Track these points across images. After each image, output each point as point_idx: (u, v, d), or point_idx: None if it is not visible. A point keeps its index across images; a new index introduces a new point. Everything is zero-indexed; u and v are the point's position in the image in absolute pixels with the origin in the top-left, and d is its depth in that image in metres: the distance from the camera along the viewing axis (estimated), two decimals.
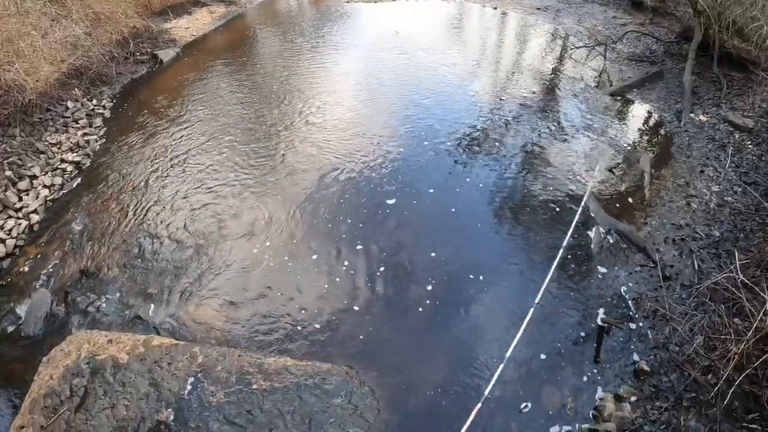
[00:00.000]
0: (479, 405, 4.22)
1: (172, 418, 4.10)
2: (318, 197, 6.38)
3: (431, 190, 6.49)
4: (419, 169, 6.86)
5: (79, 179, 6.77)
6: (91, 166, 7.00)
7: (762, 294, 4.21)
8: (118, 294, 5.24)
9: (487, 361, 4.61)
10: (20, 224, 6.00)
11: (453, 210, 6.23)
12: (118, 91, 8.63)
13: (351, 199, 6.36)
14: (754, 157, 7.00)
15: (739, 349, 4.04)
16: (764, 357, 3.92)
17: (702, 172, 6.82)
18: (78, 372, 4.33)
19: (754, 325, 4.07)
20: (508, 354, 4.60)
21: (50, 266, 5.54)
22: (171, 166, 6.97)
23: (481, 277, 5.39)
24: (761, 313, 4.09)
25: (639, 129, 8.08)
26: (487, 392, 4.33)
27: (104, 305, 5.14)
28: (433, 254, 5.64)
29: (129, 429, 4.02)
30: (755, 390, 4.02)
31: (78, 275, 5.44)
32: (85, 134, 7.54)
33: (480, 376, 4.51)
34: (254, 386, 4.27)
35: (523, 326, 4.79)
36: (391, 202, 6.31)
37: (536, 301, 4.55)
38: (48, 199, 6.43)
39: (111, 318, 5.02)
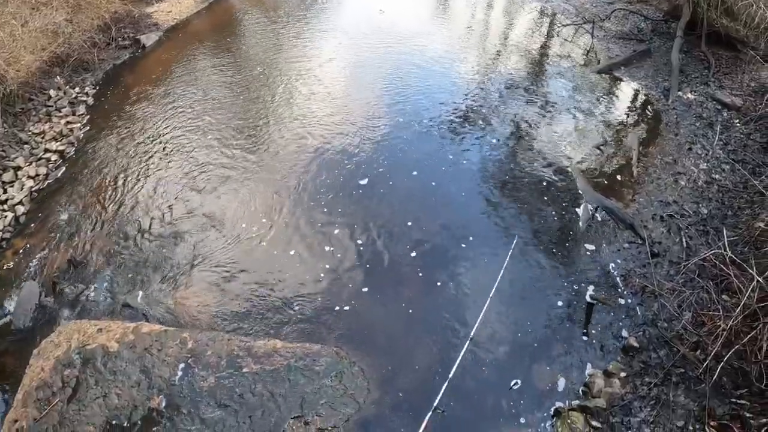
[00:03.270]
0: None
1: (164, 404, 4.10)
2: (304, 179, 6.35)
3: (417, 170, 6.47)
4: (406, 148, 6.83)
5: (64, 168, 6.67)
6: (76, 154, 6.90)
7: (750, 270, 4.25)
8: (106, 283, 5.20)
9: (477, 338, 4.62)
10: (6, 217, 5.91)
11: (438, 187, 6.24)
12: (100, 77, 8.47)
13: (338, 179, 6.34)
14: (742, 136, 7.03)
15: (727, 325, 4.09)
16: (752, 333, 3.97)
17: (690, 149, 6.84)
18: (69, 363, 4.31)
19: (742, 301, 4.11)
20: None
21: (38, 258, 5.48)
22: (156, 152, 6.89)
23: (467, 250, 5.43)
24: (749, 290, 4.13)
25: (627, 107, 8.08)
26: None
27: (93, 294, 5.10)
28: (423, 229, 5.66)
29: (122, 417, 4.02)
30: (743, 366, 4.08)
31: (66, 265, 5.39)
32: (69, 122, 7.41)
33: (469, 352, 4.51)
34: (244, 369, 4.27)
35: (488, 300, 4.79)
36: (377, 181, 6.30)
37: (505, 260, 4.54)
38: (33, 190, 6.33)
39: (100, 307, 4.99)
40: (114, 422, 3.99)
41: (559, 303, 5.00)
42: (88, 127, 7.41)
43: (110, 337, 4.55)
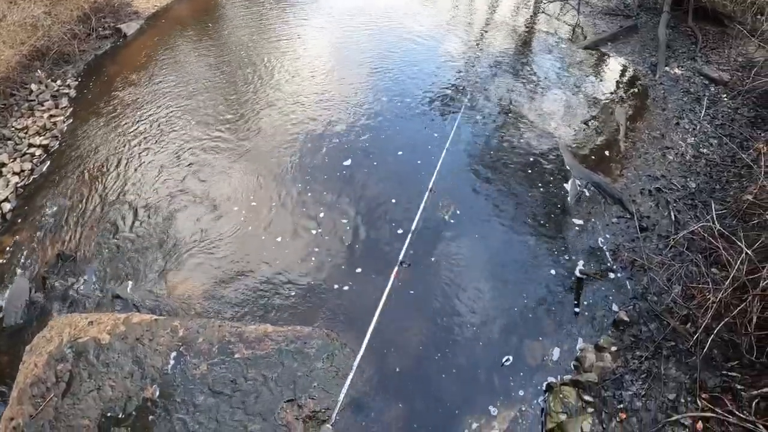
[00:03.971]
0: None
1: (157, 394, 4.09)
2: (291, 162, 6.31)
3: (402, 150, 6.46)
4: (392, 127, 6.80)
5: (49, 162, 6.60)
6: (60, 147, 6.81)
7: (739, 243, 4.26)
8: (95, 275, 5.17)
9: (468, 315, 4.66)
10: None
11: (424, 165, 6.17)
12: (82, 69, 8.33)
13: (325, 161, 6.31)
14: (730, 110, 7.03)
15: (716, 298, 4.10)
16: (742, 305, 3.99)
17: (677, 124, 6.84)
18: (61, 357, 4.28)
19: (731, 274, 4.12)
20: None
21: (26, 254, 5.43)
22: (140, 140, 6.82)
23: (454, 226, 5.44)
24: (738, 263, 4.14)
25: (614, 82, 8.06)
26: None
27: (83, 287, 5.07)
28: (408, 207, 5.64)
29: (116, 409, 4.01)
30: (734, 338, 4.11)
31: (55, 260, 5.35)
32: (52, 116, 7.31)
33: (459, 330, 4.56)
34: (236, 355, 4.27)
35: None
36: (361, 161, 6.28)
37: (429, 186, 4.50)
38: (18, 185, 6.26)
39: (90, 299, 4.97)
40: (109, 414, 3.98)
41: (549, 279, 5.02)
42: (71, 120, 7.30)
43: (101, 329, 4.53)
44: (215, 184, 6.05)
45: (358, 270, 5.10)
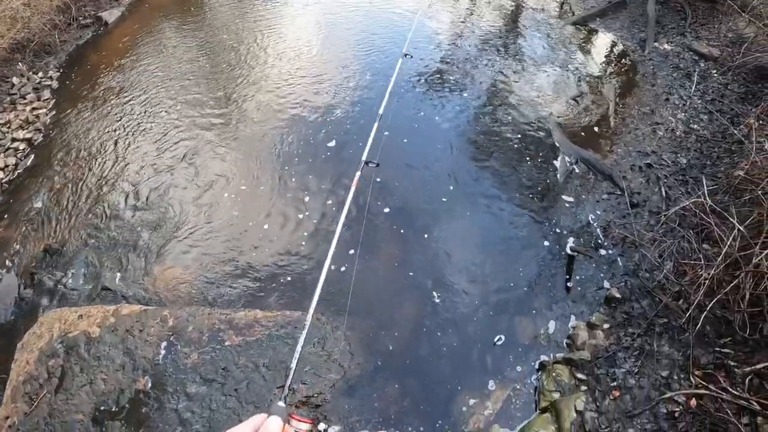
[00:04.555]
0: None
1: (149, 385, 4.06)
2: (279, 148, 6.25)
3: (388, 130, 6.28)
4: (377, 107, 6.68)
5: (33, 156, 6.49)
6: (44, 140, 6.71)
7: (731, 219, 4.23)
8: (84, 267, 5.10)
9: (458, 295, 4.64)
10: None
11: (410, 145, 6.20)
12: (64, 59, 8.20)
13: (314, 144, 6.24)
14: (720, 86, 6.98)
15: (709, 274, 4.06)
16: (735, 282, 3.95)
17: (667, 100, 6.79)
18: (52, 353, 4.24)
19: (724, 250, 4.09)
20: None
21: (13, 250, 5.36)
22: (125, 129, 6.73)
23: (446, 207, 5.42)
24: (730, 239, 4.11)
25: (603, 58, 8.00)
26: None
27: (71, 281, 5.01)
28: (396, 184, 5.65)
29: (110, 402, 3.98)
30: (727, 315, 4.08)
31: (42, 254, 5.28)
32: (34, 109, 7.19)
33: (450, 311, 4.55)
34: (227, 342, 4.24)
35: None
36: (347, 142, 6.22)
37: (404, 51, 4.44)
38: (3, 181, 6.17)
39: (79, 293, 4.91)
40: (102, 408, 3.95)
41: (540, 257, 5.00)
42: (54, 112, 7.19)
43: (91, 322, 4.48)
44: (201, 171, 5.98)
45: (347, 252, 5.05)
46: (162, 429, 3.86)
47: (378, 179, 5.76)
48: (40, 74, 7.84)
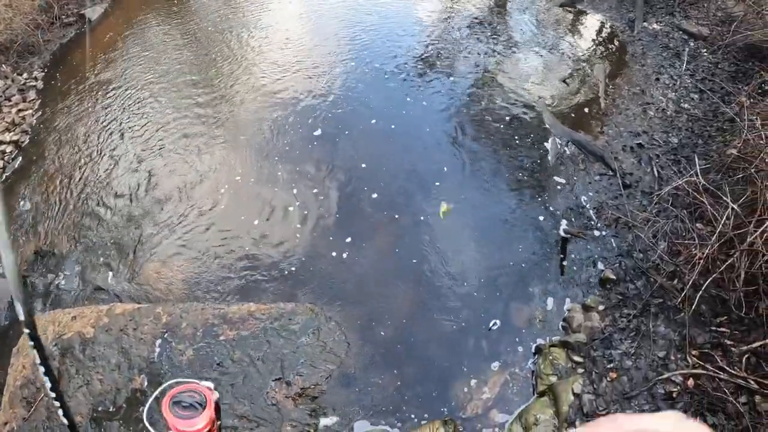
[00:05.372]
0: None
1: (146, 383, 4.04)
2: (268, 138, 6.19)
3: (376, 117, 6.36)
4: (367, 95, 6.68)
5: (21, 158, 6.42)
6: (31, 142, 6.63)
7: (724, 198, 4.21)
8: (75, 268, 5.06)
9: (451, 281, 4.65)
10: None
11: (399, 132, 6.18)
12: (48, 59, 8.08)
13: (303, 132, 6.19)
14: (710, 65, 6.95)
15: (703, 253, 4.06)
16: (729, 261, 3.94)
17: (657, 80, 6.75)
18: (47, 355, 4.20)
19: (718, 229, 4.08)
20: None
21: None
22: (112, 126, 6.65)
23: (439, 192, 5.40)
24: (724, 218, 4.10)
25: (592, 39, 7.95)
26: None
27: (63, 282, 4.97)
28: (386, 171, 5.64)
29: (107, 402, 3.97)
30: (722, 294, 4.07)
31: (33, 257, 5.24)
32: (20, 110, 7.08)
33: (444, 296, 4.56)
34: (221, 337, 4.23)
35: None
36: (343, 131, 6.18)
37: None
38: None
39: (72, 294, 4.87)
40: (100, 408, 3.94)
41: (533, 240, 4.99)
42: (40, 113, 7.10)
43: (85, 323, 4.44)
44: (190, 166, 5.92)
45: (336, 242, 5.09)
46: (160, 428, 3.85)
47: (366, 166, 5.74)
48: (25, 75, 7.73)
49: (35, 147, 6.54)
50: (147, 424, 3.12)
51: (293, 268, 4.86)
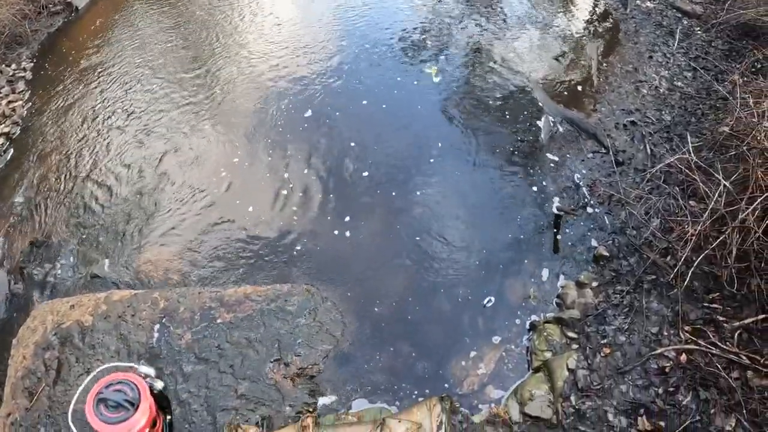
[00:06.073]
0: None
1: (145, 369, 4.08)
2: (261, 120, 6.17)
3: (367, 99, 6.34)
4: (359, 75, 6.65)
5: (13, 150, 6.38)
6: (23, 133, 6.58)
7: (716, 175, 4.24)
8: (72, 257, 5.06)
9: (446, 259, 4.67)
10: None
11: (391, 112, 6.16)
12: (36, 49, 8.00)
13: (295, 115, 6.17)
14: (704, 43, 6.93)
15: (695, 230, 4.09)
16: (721, 237, 3.98)
17: (650, 57, 6.73)
18: (47, 345, 4.20)
19: (710, 206, 4.12)
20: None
21: (0, 247, 5.29)
22: (104, 113, 6.60)
23: (432, 170, 5.43)
24: (716, 195, 4.13)
25: (584, 18, 7.88)
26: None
27: (60, 272, 4.97)
28: (375, 147, 5.67)
29: None
30: (714, 270, 4.12)
31: (29, 248, 5.22)
32: (10, 102, 7.02)
33: (438, 273, 4.58)
34: (219, 320, 4.25)
35: None
36: (334, 112, 6.16)
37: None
38: None
39: (69, 283, 4.88)
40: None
41: (526, 217, 5.01)
42: (30, 103, 7.04)
43: (83, 311, 4.44)
44: (184, 152, 5.90)
45: (330, 222, 5.10)
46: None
47: (358, 146, 5.74)
48: (14, 66, 7.65)
49: (27, 138, 6.50)
50: (71, 424, 2.59)
51: (288, 250, 4.88)
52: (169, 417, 1.92)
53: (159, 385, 1.86)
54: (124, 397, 1.90)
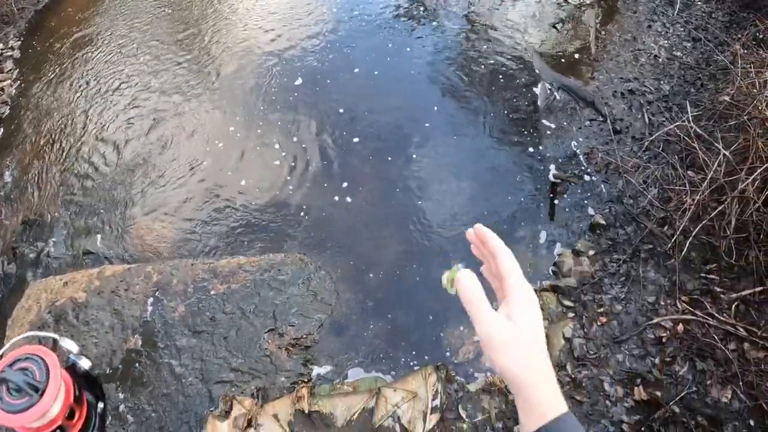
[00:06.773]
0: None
1: (140, 343, 4.04)
2: (253, 91, 6.08)
3: (361, 64, 6.27)
4: (350, 44, 6.55)
5: (2, 130, 6.28)
6: (12, 113, 6.47)
7: (716, 144, 4.18)
8: (64, 234, 5.00)
9: (442, 227, 4.64)
10: None
11: (384, 80, 6.09)
12: (23, 27, 7.82)
13: (287, 84, 6.08)
14: (704, 14, 6.81)
15: (693, 200, 4.06)
16: (720, 208, 3.95)
17: (650, 27, 6.61)
18: (42, 324, 4.18)
19: (709, 176, 4.06)
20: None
21: None
22: (94, 90, 6.50)
23: (426, 137, 5.39)
24: (715, 164, 4.08)
25: None
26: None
27: (53, 249, 4.91)
28: (367, 113, 5.61)
29: (103, 365, 3.96)
30: (712, 240, 4.10)
31: (21, 228, 5.17)
32: None
33: (434, 240, 4.55)
34: (212, 292, 4.22)
35: None
36: (327, 81, 6.07)
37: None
38: None
39: (62, 260, 4.82)
40: (97, 371, 3.94)
41: (522, 184, 4.95)
42: (19, 82, 6.90)
43: (77, 288, 4.42)
44: (175, 124, 5.82)
45: (322, 190, 5.06)
46: (156, 385, 3.87)
47: (343, 111, 5.66)
48: (1, 45, 7.52)
49: (16, 117, 6.39)
50: None
51: (281, 219, 4.84)
52: (101, 405, 1.43)
53: (85, 363, 1.36)
54: (27, 379, 1.42)
